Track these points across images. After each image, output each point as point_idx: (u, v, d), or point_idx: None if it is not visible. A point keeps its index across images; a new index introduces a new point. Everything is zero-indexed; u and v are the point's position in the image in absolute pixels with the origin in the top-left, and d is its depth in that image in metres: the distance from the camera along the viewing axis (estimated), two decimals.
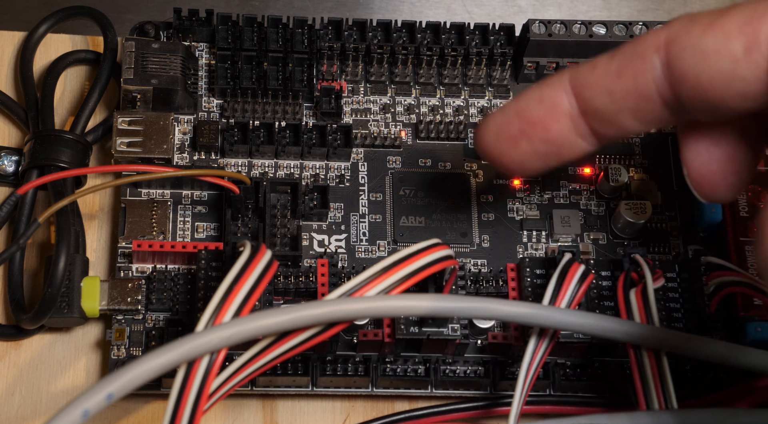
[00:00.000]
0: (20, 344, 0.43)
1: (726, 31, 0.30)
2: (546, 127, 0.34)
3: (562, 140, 0.35)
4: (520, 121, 0.35)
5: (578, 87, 0.34)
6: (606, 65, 0.33)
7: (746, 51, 0.30)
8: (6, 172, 0.45)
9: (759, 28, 0.30)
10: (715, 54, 0.30)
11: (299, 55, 0.45)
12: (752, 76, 0.30)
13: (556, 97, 0.34)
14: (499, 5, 0.60)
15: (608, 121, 0.34)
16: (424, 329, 0.40)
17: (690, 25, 0.31)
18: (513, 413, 0.38)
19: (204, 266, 0.41)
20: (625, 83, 0.33)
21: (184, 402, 0.33)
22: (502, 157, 0.36)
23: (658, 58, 0.32)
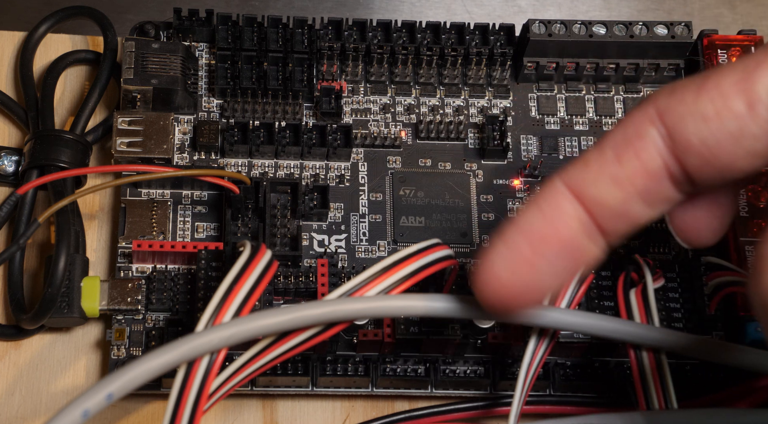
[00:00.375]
0: (20, 344, 0.43)
1: (722, 91, 0.30)
2: (558, 239, 0.32)
3: (575, 246, 0.32)
4: (530, 243, 0.32)
5: (577, 188, 0.31)
6: (599, 156, 0.31)
7: (749, 107, 0.30)
8: (6, 172, 0.45)
9: (755, 83, 0.30)
10: (717, 116, 0.30)
11: (299, 55, 0.45)
12: (761, 131, 0.30)
13: (557, 206, 0.31)
14: (499, 5, 0.60)
15: (619, 213, 0.31)
16: (424, 329, 0.40)
17: (678, 93, 0.31)
18: (513, 413, 0.38)
19: (204, 266, 0.41)
20: (629, 166, 0.31)
21: (184, 402, 0.33)
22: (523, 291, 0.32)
23: (656, 131, 0.31)
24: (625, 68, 0.47)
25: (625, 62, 0.47)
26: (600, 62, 0.47)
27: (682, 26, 0.46)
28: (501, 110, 0.47)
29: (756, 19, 0.60)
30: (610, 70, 0.47)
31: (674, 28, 0.46)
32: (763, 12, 0.61)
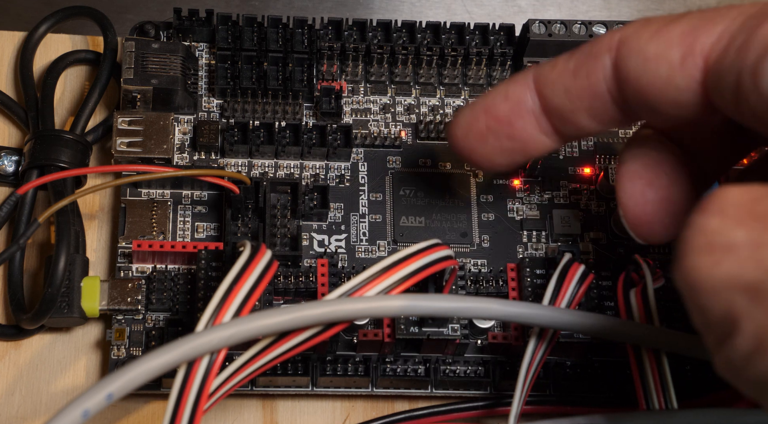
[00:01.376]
0: (20, 344, 0.43)
1: (669, 38, 0.31)
2: (511, 124, 0.35)
3: (527, 137, 0.36)
4: (487, 118, 0.36)
5: (540, 85, 0.35)
6: (565, 64, 0.34)
7: (682, 60, 0.31)
8: (6, 172, 0.45)
9: (697, 38, 0.31)
10: (655, 59, 0.32)
11: (299, 55, 0.45)
12: (685, 84, 0.31)
13: (520, 95, 0.35)
14: (499, 5, 0.60)
15: (566, 119, 0.35)
16: (424, 329, 0.40)
17: (641, 29, 0.33)
18: (513, 413, 0.38)
19: (204, 266, 0.41)
20: (579, 82, 0.34)
21: (184, 402, 0.33)
22: (472, 153, 0.37)
23: (609, 58, 0.33)
24: None
25: None
26: None
27: None
28: None
29: None
30: None
31: None
32: None
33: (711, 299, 0.26)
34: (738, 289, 0.26)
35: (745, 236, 0.26)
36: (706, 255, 0.26)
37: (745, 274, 0.26)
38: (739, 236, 0.26)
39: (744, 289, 0.25)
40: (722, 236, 0.26)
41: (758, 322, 0.25)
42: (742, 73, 0.29)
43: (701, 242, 0.27)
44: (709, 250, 0.26)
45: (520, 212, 0.45)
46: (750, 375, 0.26)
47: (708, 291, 0.26)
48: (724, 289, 0.26)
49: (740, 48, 0.30)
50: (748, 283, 0.25)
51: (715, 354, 0.28)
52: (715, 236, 0.26)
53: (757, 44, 0.29)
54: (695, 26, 0.31)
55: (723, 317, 0.26)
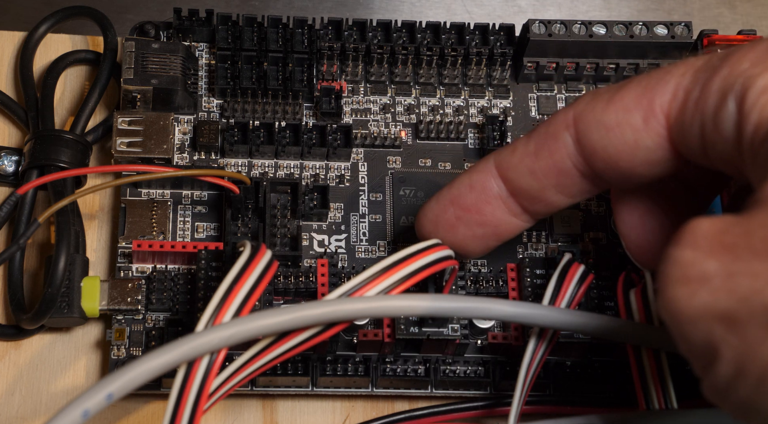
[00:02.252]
0: (20, 344, 0.43)
1: (625, 104, 0.33)
2: (480, 212, 0.36)
3: (497, 221, 0.37)
4: (455, 208, 0.37)
5: (503, 170, 0.36)
6: (524, 147, 0.35)
7: (645, 121, 0.32)
8: (6, 172, 0.45)
9: (653, 99, 0.32)
10: (618, 127, 0.33)
11: (299, 55, 0.45)
12: (653, 143, 0.32)
13: (484, 182, 0.36)
14: (499, 5, 0.60)
15: (535, 198, 0.36)
16: (424, 329, 0.40)
17: (593, 102, 0.34)
18: (513, 413, 0.38)
19: (204, 266, 0.41)
20: (543, 162, 0.35)
21: (184, 402, 0.33)
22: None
23: (569, 135, 0.34)
24: (625, 68, 0.47)
25: (625, 62, 0.47)
26: (600, 62, 0.47)
27: (682, 26, 0.46)
28: (501, 110, 0.47)
29: (756, 19, 0.60)
30: (610, 71, 0.47)
31: (674, 28, 0.46)
32: (763, 12, 0.61)
33: (691, 328, 0.27)
34: (714, 318, 0.26)
35: (716, 266, 0.27)
36: (682, 286, 0.27)
37: (719, 303, 0.26)
38: (711, 266, 0.27)
39: (719, 318, 0.26)
40: (695, 268, 0.27)
41: (736, 349, 0.26)
42: (704, 123, 0.31)
43: (677, 273, 0.27)
44: (685, 281, 0.27)
45: None
46: (734, 399, 0.27)
47: (687, 321, 0.27)
48: (701, 318, 0.27)
49: (698, 101, 0.31)
50: (723, 312, 0.26)
51: (702, 380, 0.29)
52: (689, 268, 0.27)
53: (713, 96, 0.30)
54: (647, 88, 0.32)
55: (704, 345, 0.27)
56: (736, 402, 0.27)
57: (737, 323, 0.26)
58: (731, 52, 0.31)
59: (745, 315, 0.26)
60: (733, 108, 0.30)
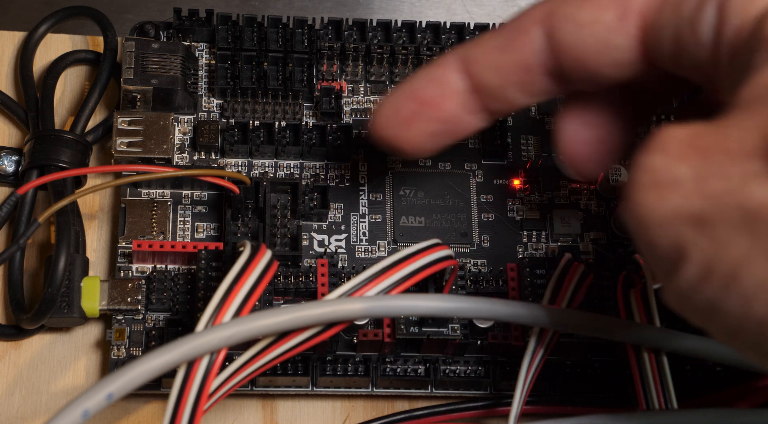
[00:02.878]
0: (20, 344, 0.43)
1: (600, 2, 0.32)
2: (438, 106, 0.35)
3: (455, 118, 0.35)
4: (413, 102, 0.35)
5: (467, 64, 0.34)
6: (491, 41, 0.34)
7: (619, 20, 0.31)
8: (6, 172, 0.45)
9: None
10: (590, 24, 0.32)
11: (299, 55, 0.45)
12: (625, 43, 0.32)
13: (446, 76, 0.35)
14: (499, 5, 0.60)
15: (497, 95, 0.34)
16: (424, 329, 0.40)
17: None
18: (513, 413, 0.38)
19: (204, 266, 0.41)
20: (509, 57, 0.34)
21: (184, 402, 0.33)
22: (397, 140, 0.36)
23: (540, 30, 0.33)
24: None
25: None
26: None
27: None
28: None
29: None
30: None
31: None
32: None
33: (659, 232, 0.27)
34: (684, 221, 0.26)
35: (688, 170, 0.27)
36: (652, 191, 0.27)
37: (690, 206, 0.26)
38: (683, 170, 0.27)
39: (690, 220, 0.26)
40: (667, 172, 0.27)
41: (704, 250, 0.26)
42: (680, 26, 0.30)
43: (647, 179, 0.27)
44: (655, 186, 0.27)
45: (520, 212, 0.45)
46: (697, 302, 0.27)
47: (655, 225, 0.27)
48: (670, 222, 0.27)
49: (675, 2, 0.30)
50: (694, 214, 0.26)
51: (664, 286, 0.28)
52: (660, 173, 0.27)
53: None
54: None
55: (671, 249, 0.27)
56: (700, 305, 0.27)
57: (707, 224, 0.26)
58: None
59: (716, 216, 0.26)
60: (712, 11, 0.29)
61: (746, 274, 0.25)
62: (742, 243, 0.25)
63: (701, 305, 0.27)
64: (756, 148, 0.26)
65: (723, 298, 0.26)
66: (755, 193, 0.25)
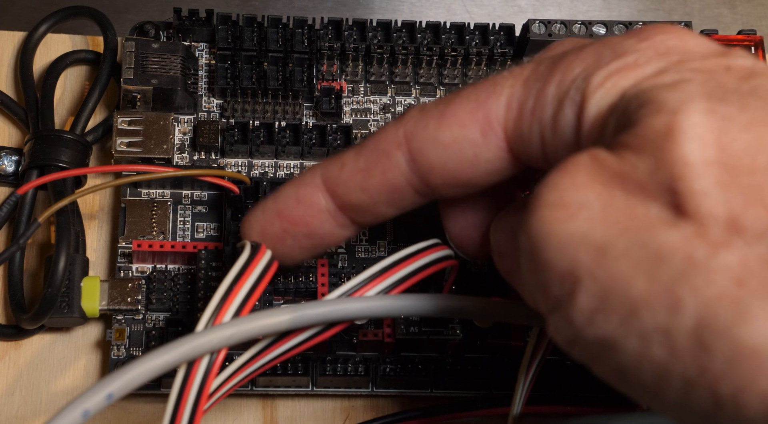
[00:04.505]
0: (20, 344, 0.43)
1: (459, 120, 0.32)
2: (306, 225, 0.36)
3: (325, 233, 0.36)
4: (282, 222, 0.36)
5: (330, 185, 0.35)
6: (354, 163, 0.35)
7: (483, 135, 0.32)
8: (6, 172, 0.45)
9: (488, 112, 0.32)
10: (455, 144, 0.32)
11: (299, 55, 0.45)
12: (493, 155, 0.32)
13: (311, 197, 0.35)
14: (499, 5, 0.60)
15: (365, 212, 0.35)
16: (424, 329, 0.40)
17: (423, 119, 0.33)
18: (513, 413, 0.38)
19: (204, 266, 0.41)
20: (375, 180, 0.34)
21: (184, 402, 0.33)
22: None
23: (401, 154, 0.33)
24: None
25: None
26: None
27: (682, 26, 0.46)
28: None
29: (756, 19, 0.60)
30: None
31: None
32: (763, 12, 0.61)
33: (556, 254, 0.27)
34: (584, 246, 0.26)
35: (595, 196, 0.27)
36: (557, 210, 0.27)
37: (593, 232, 0.26)
38: (591, 196, 0.27)
39: (590, 247, 0.26)
40: (574, 194, 0.27)
41: (601, 282, 0.26)
42: (543, 131, 0.31)
43: (554, 197, 0.27)
44: (561, 206, 0.27)
45: None
46: (589, 337, 0.27)
47: (554, 246, 0.27)
48: (571, 245, 0.27)
49: (533, 111, 0.31)
50: (596, 241, 0.26)
51: (549, 316, 0.28)
52: (567, 194, 0.27)
53: (549, 104, 0.31)
54: (479, 101, 0.32)
55: (564, 275, 0.27)
56: (592, 340, 0.26)
57: (608, 255, 0.26)
58: (557, 59, 0.31)
59: (618, 249, 0.26)
60: (570, 113, 0.30)
61: (646, 314, 0.25)
62: (642, 280, 0.25)
63: (593, 341, 0.26)
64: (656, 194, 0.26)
65: (619, 335, 0.26)
66: (661, 236, 0.25)
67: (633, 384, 0.27)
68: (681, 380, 0.25)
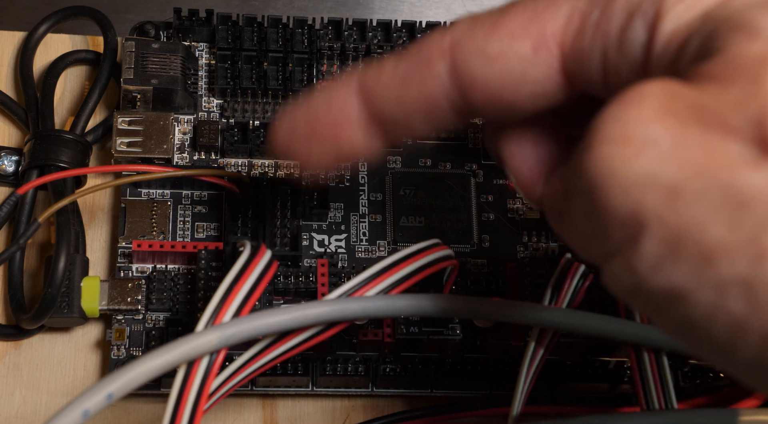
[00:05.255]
0: (20, 344, 0.43)
1: (511, 31, 0.29)
2: (335, 132, 0.33)
3: (352, 143, 0.33)
4: (309, 123, 0.33)
5: (366, 92, 0.32)
6: (393, 70, 0.32)
7: (534, 51, 0.29)
8: (6, 172, 0.45)
9: (544, 26, 0.29)
10: (502, 57, 0.29)
11: (299, 55, 0.45)
12: (543, 75, 0.29)
13: (344, 101, 0.32)
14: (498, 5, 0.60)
15: (399, 125, 0.32)
16: (424, 329, 0.40)
17: (473, 28, 0.30)
18: (513, 413, 0.38)
19: (204, 266, 0.41)
20: (412, 91, 0.31)
21: (184, 402, 0.33)
22: (296, 157, 0.34)
23: (444, 64, 0.30)
24: None
25: None
26: None
27: None
28: None
29: None
30: None
31: None
32: None
33: (618, 195, 0.24)
34: (653, 187, 0.24)
35: (666, 131, 0.24)
36: (621, 146, 0.24)
37: (665, 171, 0.24)
38: (659, 130, 0.24)
39: (660, 188, 0.23)
40: (641, 129, 0.24)
41: (672, 226, 0.23)
42: (607, 48, 0.28)
43: (617, 132, 0.24)
44: (626, 141, 0.24)
45: (520, 212, 0.45)
46: (654, 286, 0.24)
47: (616, 187, 0.24)
48: (636, 185, 0.24)
49: (598, 24, 0.28)
50: (667, 182, 0.23)
51: (606, 263, 0.26)
52: (633, 127, 0.24)
53: (616, 16, 0.28)
54: (536, 12, 0.29)
55: (628, 218, 0.24)
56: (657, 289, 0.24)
57: (681, 197, 0.23)
58: None
59: (693, 190, 0.23)
60: (641, 28, 0.27)
61: (724, 263, 0.23)
62: (721, 227, 0.23)
63: (659, 290, 0.24)
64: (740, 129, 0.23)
65: (690, 285, 0.23)
66: (744, 178, 0.23)
67: (701, 340, 0.24)
68: (760, 336, 0.23)
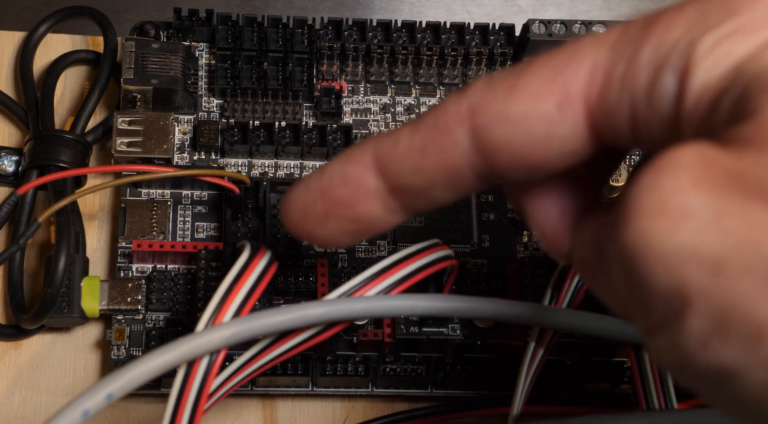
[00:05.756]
0: (20, 344, 0.43)
1: (532, 91, 0.28)
2: (352, 208, 0.32)
3: (370, 218, 0.32)
4: (325, 202, 0.32)
5: (383, 164, 0.31)
6: (409, 140, 0.30)
7: (559, 109, 0.28)
8: (6, 172, 0.45)
9: (567, 83, 0.28)
10: (525, 118, 0.28)
11: (299, 55, 0.45)
12: (570, 133, 0.28)
13: (360, 176, 0.31)
14: (499, 5, 0.60)
15: (419, 195, 0.31)
16: (424, 329, 0.40)
17: (491, 90, 0.29)
18: (513, 413, 0.38)
19: (204, 266, 0.41)
20: (432, 160, 0.30)
21: (184, 402, 0.33)
22: (311, 236, 0.33)
23: (464, 131, 0.29)
24: None
25: None
26: None
27: None
28: None
29: None
30: None
31: None
32: None
33: (660, 270, 0.23)
34: (695, 262, 0.22)
35: (705, 201, 0.22)
36: (659, 218, 0.23)
37: (707, 245, 0.22)
38: (699, 201, 0.22)
39: (703, 262, 0.22)
40: (679, 199, 0.23)
41: (718, 302, 0.22)
42: (635, 102, 0.27)
43: (654, 203, 0.23)
44: (664, 213, 0.23)
45: None
46: (702, 364, 0.23)
47: (656, 261, 0.23)
48: (678, 260, 0.23)
49: (624, 77, 0.27)
50: (709, 256, 0.22)
51: (651, 337, 0.25)
52: (670, 198, 0.23)
53: (644, 70, 0.27)
54: (557, 69, 0.28)
55: (671, 294, 0.23)
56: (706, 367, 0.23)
57: (725, 271, 0.22)
58: (652, 20, 0.27)
59: (738, 265, 0.22)
60: (671, 81, 0.26)
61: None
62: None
63: (708, 368, 0.23)
64: None
65: (741, 363, 0.22)
66: None
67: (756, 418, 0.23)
68: None
